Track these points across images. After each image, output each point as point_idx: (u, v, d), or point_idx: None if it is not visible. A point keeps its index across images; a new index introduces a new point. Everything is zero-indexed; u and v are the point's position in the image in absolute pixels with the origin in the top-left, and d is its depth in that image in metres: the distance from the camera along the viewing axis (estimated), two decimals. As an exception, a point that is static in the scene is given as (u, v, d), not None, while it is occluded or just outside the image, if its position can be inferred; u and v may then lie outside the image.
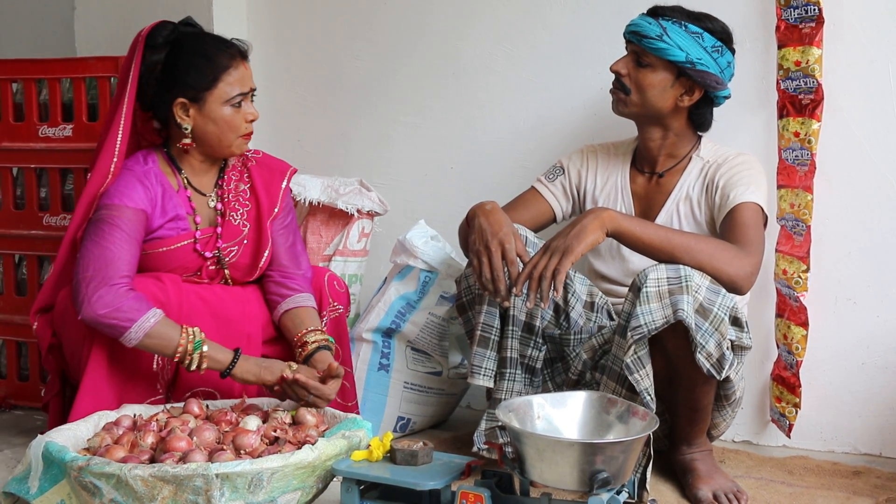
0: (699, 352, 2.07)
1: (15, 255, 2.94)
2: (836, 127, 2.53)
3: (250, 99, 2.30)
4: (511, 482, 1.94)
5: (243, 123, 2.28)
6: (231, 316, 2.30)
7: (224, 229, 2.34)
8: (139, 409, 2.11)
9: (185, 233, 2.29)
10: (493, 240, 2.19)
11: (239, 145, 2.30)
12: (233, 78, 2.25)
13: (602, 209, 2.18)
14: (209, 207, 2.35)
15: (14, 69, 2.90)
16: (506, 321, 2.31)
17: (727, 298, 2.12)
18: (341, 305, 2.45)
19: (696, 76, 2.32)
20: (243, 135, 2.29)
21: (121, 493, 1.75)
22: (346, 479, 1.86)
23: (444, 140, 3.06)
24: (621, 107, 2.41)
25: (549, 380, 2.40)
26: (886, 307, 2.55)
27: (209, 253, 2.31)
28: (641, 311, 2.06)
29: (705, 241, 2.19)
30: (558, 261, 2.10)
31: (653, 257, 2.17)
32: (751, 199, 2.29)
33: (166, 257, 2.27)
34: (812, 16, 2.45)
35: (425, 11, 3.06)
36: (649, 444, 2.09)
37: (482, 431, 2.31)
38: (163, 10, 3.22)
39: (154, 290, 2.19)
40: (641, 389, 2.09)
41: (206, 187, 2.36)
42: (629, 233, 2.17)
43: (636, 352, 2.09)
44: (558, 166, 2.58)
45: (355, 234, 2.79)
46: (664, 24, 2.31)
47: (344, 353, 2.44)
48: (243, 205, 2.38)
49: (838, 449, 2.61)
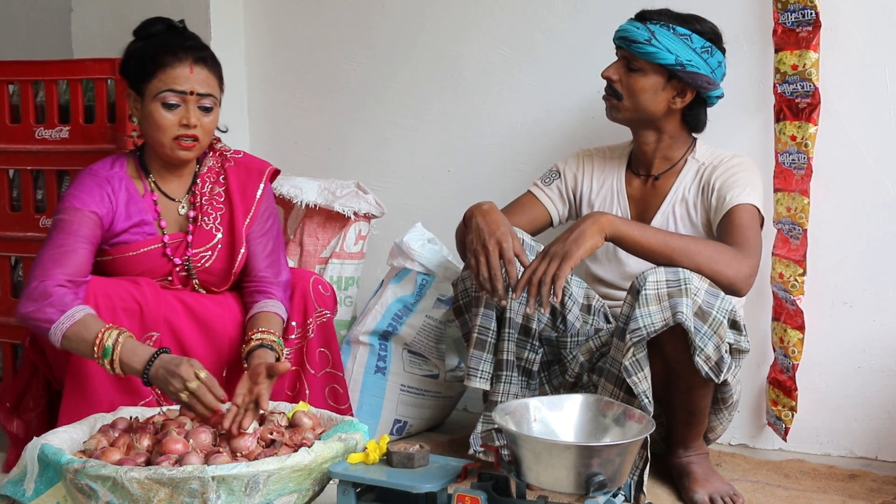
0: (698, 355, 2.07)
1: (11, 257, 2.93)
2: (832, 131, 2.53)
3: (195, 102, 2.22)
4: (507, 485, 1.94)
5: (175, 126, 2.21)
6: (212, 319, 2.29)
7: (195, 236, 2.31)
8: (135, 411, 2.10)
9: (151, 237, 2.27)
10: (491, 239, 2.19)
11: (173, 149, 2.24)
12: (168, 76, 2.20)
13: (600, 213, 2.18)
14: (179, 214, 2.33)
15: (10, 71, 2.89)
16: (502, 324, 2.31)
17: (726, 301, 2.13)
18: (327, 310, 2.43)
19: (687, 78, 2.32)
20: (176, 138, 2.22)
21: (117, 496, 1.75)
22: (342, 481, 1.86)
23: (441, 143, 3.06)
24: (615, 113, 2.42)
25: (546, 382, 2.40)
26: (883, 311, 2.55)
27: (178, 259, 2.29)
28: (640, 313, 2.06)
29: (704, 244, 2.19)
30: (557, 266, 2.10)
31: (651, 261, 2.17)
32: (747, 201, 2.30)
33: (133, 262, 2.26)
34: (809, 19, 2.46)
35: (423, 15, 3.07)
36: (646, 447, 2.09)
37: (478, 434, 2.31)
38: (159, 13, 3.22)
39: (132, 292, 2.18)
40: (639, 392, 2.09)
41: (176, 193, 2.34)
42: (628, 237, 2.17)
43: (634, 354, 2.09)
44: (554, 170, 2.58)
45: (352, 236, 2.79)
46: (652, 28, 2.32)
47: (333, 357, 2.43)
48: (217, 209, 2.34)
49: (834, 452, 2.61)
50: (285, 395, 2.36)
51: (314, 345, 2.39)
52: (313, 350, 2.39)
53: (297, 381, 2.38)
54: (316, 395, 2.38)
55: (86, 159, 2.77)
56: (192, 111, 2.22)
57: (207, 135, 2.28)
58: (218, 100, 2.29)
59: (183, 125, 2.22)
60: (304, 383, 2.37)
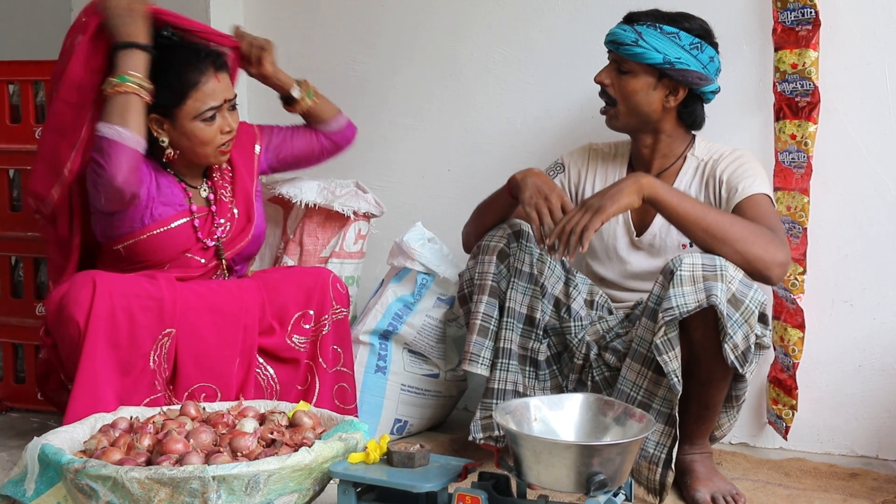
0: (727, 341, 2.06)
1: (11, 257, 2.94)
2: (832, 129, 2.53)
3: (227, 108, 2.33)
4: (508, 484, 1.95)
5: (217, 135, 2.33)
6: (227, 309, 2.31)
7: (217, 207, 2.42)
8: (136, 411, 2.11)
9: (182, 210, 2.35)
10: (553, 193, 2.22)
11: (216, 156, 2.36)
12: (201, 94, 2.29)
13: (642, 175, 2.20)
14: (202, 197, 2.43)
15: (10, 71, 2.89)
16: (504, 312, 2.32)
17: (758, 293, 2.12)
18: (344, 308, 2.46)
19: (677, 75, 2.33)
20: (219, 146, 2.34)
21: (117, 496, 1.75)
22: (342, 481, 1.86)
23: (441, 142, 3.06)
24: (613, 122, 2.44)
25: (558, 374, 2.40)
26: (883, 309, 2.55)
27: (209, 241, 2.38)
28: (674, 293, 2.06)
29: (742, 224, 2.17)
30: (589, 218, 2.12)
31: (686, 232, 2.17)
32: (760, 190, 2.30)
33: (165, 239, 2.32)
34: (809, 18, 2.46)
35: (423, 14, 3.07)
36: (675, 424, 2.12)
37: (478, 420, 2.32)
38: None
39: (148, 289, 2.19)
40: (669, 371, 2.09)
41: (196, 181, 2.44)
42: (665, 202, 2.17)
43: (666, 333, 2.09)
44: (559, 163, 2.59)
45: (352, 236, 2.79)
46: (639, 29, 2.33)
47: (345, 355, 2.45)
48: (227, 181, 2.47)
49: (835, 451, 2.61)
50: (296, 389, 2.37)
51: (328, 341, 2.41)
52: (327, 346, 2.41)
53: (308, 375, 2.39)
54: (325, 392, 2.39)
55: (85, 159, 2.78)
56: (227, 117, 2.35)
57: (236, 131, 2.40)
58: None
59: (223, 133, 2.34)
60: (316, 378, 2.39)
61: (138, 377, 2.19)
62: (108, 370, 2.15)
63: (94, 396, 2.13)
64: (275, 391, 2.36)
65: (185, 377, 2.25)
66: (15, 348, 2.94)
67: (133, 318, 2.15)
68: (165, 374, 2.23)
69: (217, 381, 2.26)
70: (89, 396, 2.13)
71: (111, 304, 2.13)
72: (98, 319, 2.12)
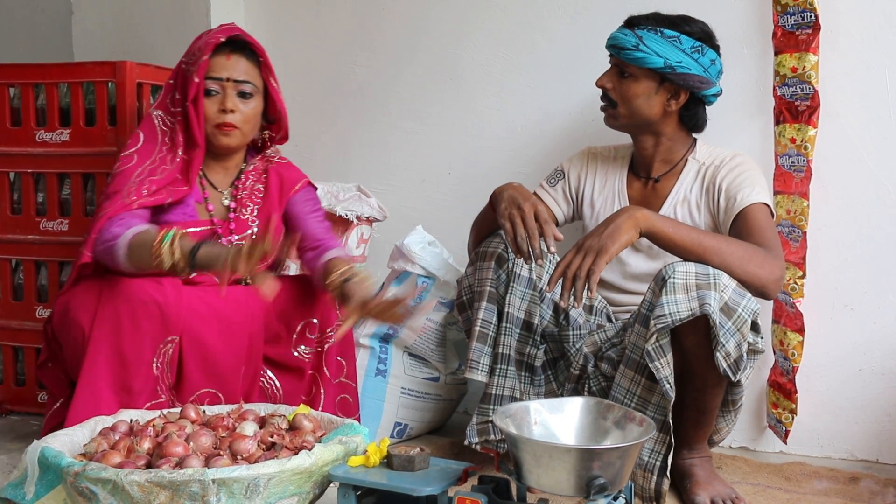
0: (719, 350, 2.06)
1: (11, 260, 2.93)
2: (832, 133, 2.53)
3: (232, 89, 2.34)
4: (508, 488, 1.94)
5: (216, 113, 2.34)
6: (232, 316, 2.30)
7: (236, 224, 2.41)
8: (136, 414, 2.11)
9: (191, 220, 2.34)
10: (526, 202, 2.21)
11: (215, 135, 2.36)
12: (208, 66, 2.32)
13: (635, 208, 2.19)
14: (222, 204, 2.43)
15: (11, 74, 2.89)
16: (502, 318, 2.32)
17: (752, 302, 2.12)
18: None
19: (678, 79, 2.33)
20: (217, 125, 2.34)
21: (117, 499, 1.75)
22: (342, 484, 1.85)
23: (442, 146, 3.07)
24: (612, 121, 2.44)
25: (553, 380, 2.40)
26: (883, 313, 2.55)
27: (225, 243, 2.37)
28: (667, 300, 2.06)
29: (736, 244, 2.18)
30: (592, 260, 2.10)
31: (684, 258, 2.17)
32: (760, 200, 2.30)
33: None
34: (809, 22, 2.46)
35: (424, 18, 3.07)
36: (669, 431, 2.11)
37: (474, 425, 2.32)
38: (160, 17, 3.23)
39: (153, 294, 2.19)
40: (661, 377, 2.09)
41: (221, 184, 2.44)
42: (662, 233, 2.17)
43: (658, 340, 2.09)
44: (559, 170, 2.59)
45: (354, 239, 2.79)
46: (640, 34, 2.33)
47: (348, 367, 2.44)
48: (255, 202, 2.45)
49: (835, 455, 2.61)
50: (300, 399, 2.37)
51: (333, 352, 2.40)
52: (332, 357, 2.40)
53: (313, 386, 2.39)
54: (328, 403, 2.39)
55: (86, 162, 2.78)
56: (229, 96, 2.34)
57: (247, 122, 2.38)
58: (259, 88, 2.39)
59: (221, 111, 2.33)
60: (321, 389, 2.39)
61: (141, 383, 2.19)
62: (110, 375, 2.15)
63: (95, 401, 2.13)
64: (279, 400, 2.36)
65: (191, 383, 2.25)
66: (15, 351, 2.94)
67: (137, 325, 2.15)
68: (169, 380, 2.23)
69: (222, 387, 2.26)
70: (91, 401, 2.13)
71: (115, 309, 2.14)
72: (102, 325, 2.13)
